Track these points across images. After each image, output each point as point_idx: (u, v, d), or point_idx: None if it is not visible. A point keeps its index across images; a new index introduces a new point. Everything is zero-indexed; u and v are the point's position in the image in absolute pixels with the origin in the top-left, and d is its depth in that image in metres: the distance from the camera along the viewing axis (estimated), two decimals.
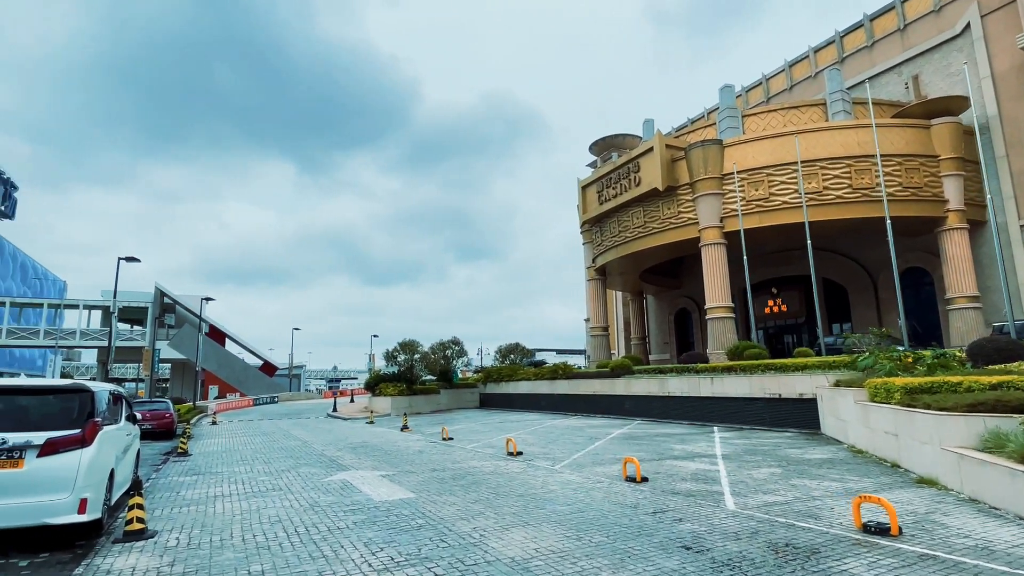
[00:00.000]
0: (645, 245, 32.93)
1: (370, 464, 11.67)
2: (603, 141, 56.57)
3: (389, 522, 6.53)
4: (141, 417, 20.30)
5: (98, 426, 6.28)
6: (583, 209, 39.15)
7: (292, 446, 16.33)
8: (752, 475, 9.28)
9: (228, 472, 11.29)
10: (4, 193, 77.10)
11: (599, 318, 39.38)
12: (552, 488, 8.37)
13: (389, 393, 33.09)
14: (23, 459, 5.67)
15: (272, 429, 23.84)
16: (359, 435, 19.22)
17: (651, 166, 31.71)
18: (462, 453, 13.11)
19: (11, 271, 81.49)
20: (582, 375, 28.54)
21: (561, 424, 21.26)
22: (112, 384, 7.52)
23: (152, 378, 49.65)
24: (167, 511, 7.55)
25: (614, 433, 17.15)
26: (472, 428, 20.46)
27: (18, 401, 6.08)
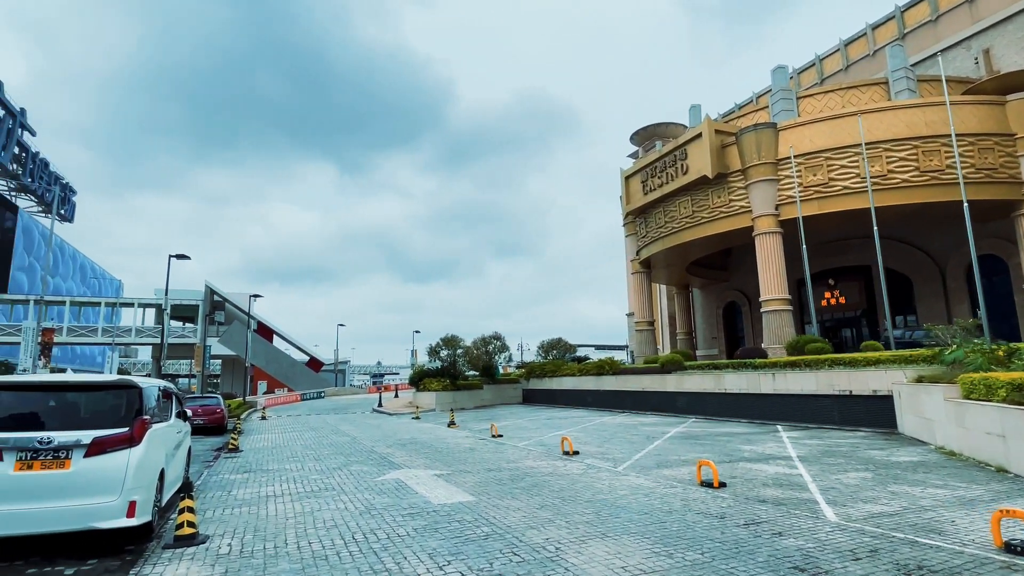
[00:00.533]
0: (693, 236, 31.72)
1: (422, 462, 11.23)
2: (645, 130, 55.15)
3: (452, 529, 5.99)
4: (192, 413, 20.60)
5: (147, 424, 5.94)
6: (626, 200, 38.10)
7: (341, 442, 16.11)
8: (841, 480, 8.40)
9: (279, 469, 11.03)
10: (63, 198, 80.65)
11: (644, 312, 38.26)
12: (621, 493, 7.71)
13: (433, 388, 32.89)
14: (70, 459, 5.36)
15: (320, 424, 23.85)
16: (407, 431, 18.91)
17: (699, 153, 30.49)
18: (515, 451, 12.56)
19: (71, 272, 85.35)
20: (630, 371, 27.64)
21: (611, 422, 20.50)
22: (161, 380, 7.26)
23: (204, 374, 51.00)
24: (219, 512, 7.22)
25: (671, 432, 16.31)
26: (520, 425, 19.92)
27: (63, 398, 5.79)
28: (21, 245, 69.37)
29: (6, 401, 5.60)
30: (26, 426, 5.43)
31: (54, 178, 77.55)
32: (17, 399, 5.66)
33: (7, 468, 5.17)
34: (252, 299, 43.06)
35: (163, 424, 6.95)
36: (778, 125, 28.41)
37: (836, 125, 26.52)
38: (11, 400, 5.63)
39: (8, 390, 5.67)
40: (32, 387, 5.77)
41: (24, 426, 5.43)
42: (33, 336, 20.40)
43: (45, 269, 25.98)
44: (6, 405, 5.57)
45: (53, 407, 5.67)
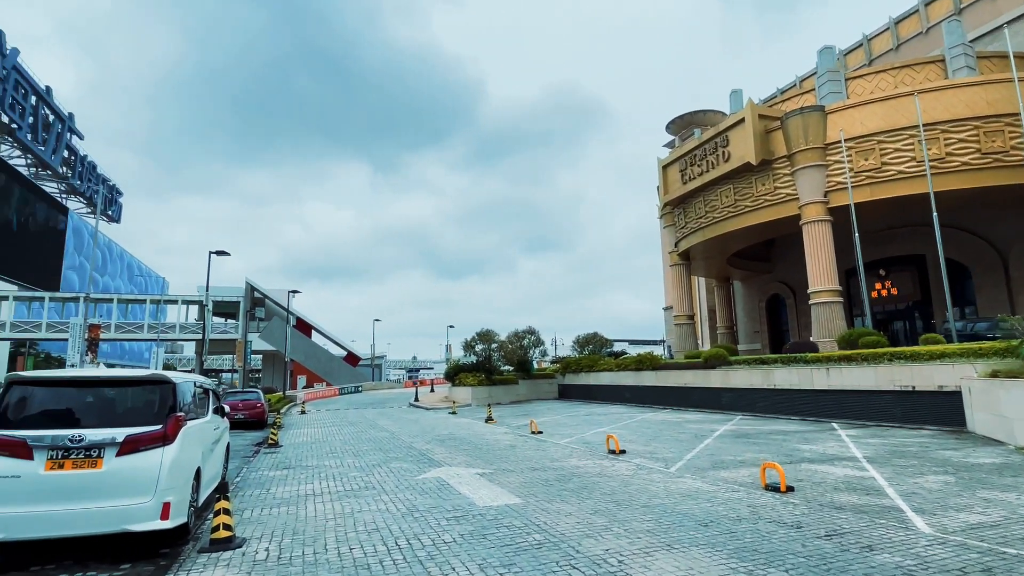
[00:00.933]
0: (736, 226, 30.60)
1: (463, 460, 10.84)
2: (681, 119, 53.78)
3: (501, 536, 5.55)
4: (233, 407, 20.74)
5: (181, 421, 5.67)
6: (664, 190, 37.08)
7: (380, 437, 15.90)
8: (921, 485, 7.65)
9: (318, 466, 10.80)
10: (110, 199, 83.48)
11: (683, 306, 37.22)
12: (679, 498, 7.14)
13: (469, 383, 32.65)
14: (102, 458, 5.11)
15: (358, 419, 23.82)
16: (445, 426, 18.63)
17: (742, 139, 29.35)
18: (557, 449, 12.07)
19: (119, 270, 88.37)
20: (671, 366, 26.81)
21: (654, 418, 19.81)
22: (197, 374, 7.02)
23: (245, 369, 51.99)
24: (257, 512, 6.95)
25: (719, 430, 15.57)
26: (558, 421, 19.42)
27: (94, 394, 5.54)
28: (72, 245, 72.08)
29: (36, 397, 5.38)
30: (57, 423, 5.20)
31: (101, 180, 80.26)
32: (47, 395, 5.44)
33: (38, 467, 4.95)
34: (291, 295, 43.61)
35: (199, 421, 6.70)
36: (826, 108, 27.10)
37: (890, 106, 25.11)
38: (41, 396, 5.41)
39: (38, 385, 5.45)
40: (62, 383, 5.55)
41: (55, 423, 5.20)
42: (80, 332, 20.84)
43: (91, 265, 26.58)
44: (36, 401, 5.36)
45: (84, 403, 5.43)
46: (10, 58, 55.40)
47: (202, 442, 6.64)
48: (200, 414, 6.87)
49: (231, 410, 20.72)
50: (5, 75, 54.34)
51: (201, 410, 7.01)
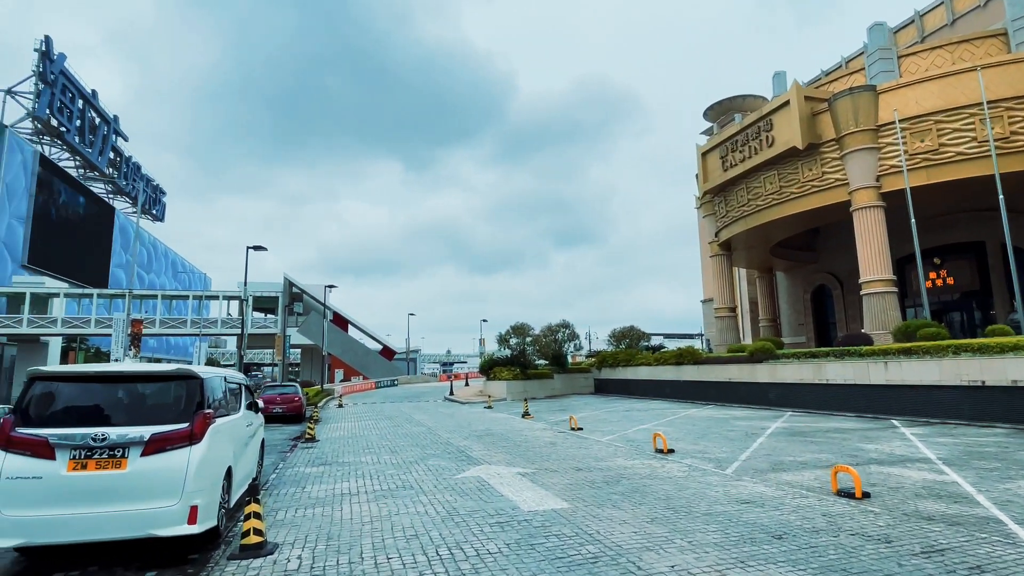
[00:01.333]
0: (780, 214, 29.37)
1: (503, 458, 10.40)
2: (720, 105, 52.21)
3: (551, 547, 5.06)
4: (271, 401, 20.79)
5: (209, 419, 5.34)
6: (703, 178, 35.91)
7: (416, 432, 15.62)
8: (1014, 491, 6.84)
9: (355, 463, 10.51)
10: (154, 198, 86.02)
11: (724, 298, 36.02)
12: (743, 504, 6.52)
13: (504, 377, 32.27)
14: (126, 458, 4.81)
15: (395, 413, 23.69)
16: (481, 421, 18.26)
17: (787, 122, 28.08)
18: (600, 448, 11.51)
19: (163, 268, 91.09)
20: (714, 360, 25.86)
21: (698, 415, 19.03)
22: (228, 369, 6.74)
23: (284, 363, 52.92)
24: (291, 514, 6.63)
25: (771, 427, 14.75)
26: (597, 417, 18.83)
27: (118, 390, 5.25)
28: (119, 244, 74.51)
29: (59, 393, 5.12)
30: (80, 421, 4.93)
31: (146, 180, 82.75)
32: (70, 391, 5.17)
33: (60, 468, 4.68)
34: (327, 289, 43.99)
35: (230, 417, 6.40)
36: (878, 87, 25.67)
37: (948, 83, 23.60)
38: (64, 392, 5.14)
39: (60, 381, 5.19)
40: (85, 378, 5.27)
41: (78, 421, 4.92)
42: (124, 327, 21.18)
43: (134, 260, 27.09)
44: (59, 398, 5.09)
45: (108, 400, 5.14)
46: (57, 63, 57.30)
47: (233, 440, 6.34)
48: (231, 410, 6.56)
49: (269, 404, 20.85)
50: (53, 79, 56.26)
51: (232, 406, 6.71)
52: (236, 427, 6.60)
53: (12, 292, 48.02)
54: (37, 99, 54.86)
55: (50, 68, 55.74)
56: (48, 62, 55.52)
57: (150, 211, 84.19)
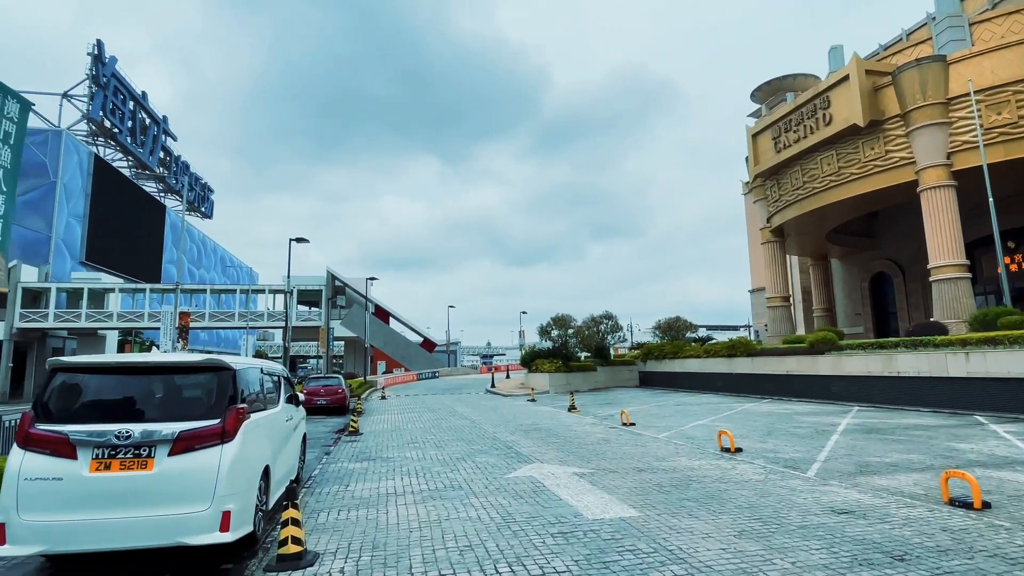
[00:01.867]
0: (839, 196, 27.72)
1: (554, 455, 9.73)
2: (768, 85, 50.02)
3: (628, 566, 4.35)
4: (315, 393, 20.64)
5: (242, 414, 4.84)
6: (753, 160, 34.29)
7: (461, 426, 15.12)
8: None
9: (400, 458, 10.03)
10: (202, 196, 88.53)
11: (778, 286, 34.40)
12: (841, 515, 5.67)
13: (546, 370, 31.60)
14: (152, 458, 4.35)
15: (437, 405, 23.34)
16: (526, 415, 17.64)
17: (847, 98, 26.41)
18: (658, 445, 10.72)
19: (212, 263, 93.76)
20: (770, 352, 24.54)
21: (756, 409, 17.94)
22: (265, 360, 6.26)
23: (328, 355, 53.57)
24: (333, 517, 6.13)
25: (840, 423, 13.63)
26: (648, 411, 17.96)
27: (143, 383, 4.77)
28: (170, 241, 76.90)
29: (81, 386, 4.69)
30: (103, 416, 4.48)
31: (194, 178, 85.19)
32: (93, 383, 4.73)
33: (82, 468, 4.24)
34: (368, 282, 44.14)
35: (268, 412, 5.92)
36: (948, 57, 23.77)
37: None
38: (86, 385, 4.72)
39: (82, 372, 4.76)
40: (109, 369, 4.82)
41: (101, 416, 4.49)
42: (172, 320, 21.40)
43: (181, 255, 27.41)
44: (81, 391, 4.67)
45: (133, 394, 4.68)
46: (109, 66, 59.18)
47: (271, 437, 5.86)
48: (269, 404, 6.09)
49: (313, 396, 20.75)
50: (105, 82, 58.13)
51: (270, 400, 6.24)
52: (274, 422, 6.13)
53: (71, 288, 49.97)
54: (91, 101, 56.82)
55: (102, 71, 57.62)
56: (100, 65, 57.39)
57: (199, 208, 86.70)
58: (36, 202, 52.20)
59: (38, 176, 52.47)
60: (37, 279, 49.63)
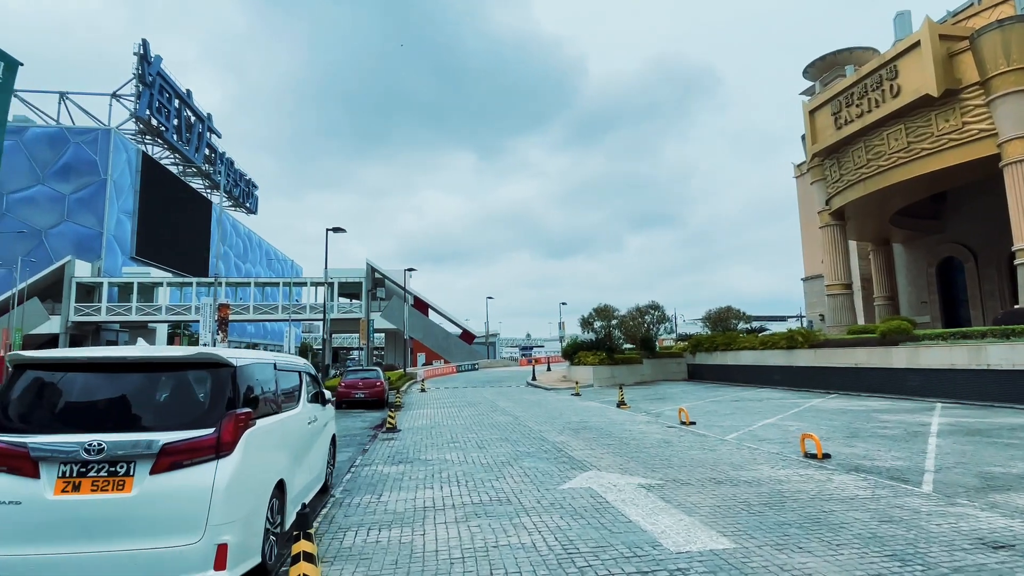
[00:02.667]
0: (908, 174, 25.55)
1: (612, 461, 8.63)
2: (823, 60, 47.41)
3: None
4: (347, 388, 19.89)
5: (245, 420, 3.94)
6: (811, 138, 32.14)
7: (503, 423, 14.17)
8: None
9: (439, 461, 9.12)
10: (247, 192, 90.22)
11: (838, 273, 32.22)
12: (1002, 550, 4.42)
13: (589, 362, 30.40)
14: (131, 476, 3.48)
15: (477, 399, 22.51)
16: (573, 411, 16.56)
17: (917, 66, 24.22)
18: (729, 449, 9.49)
19: (258, 257, 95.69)
20: (836, 343, 22.71)
21: (826, 406, 16.38)
22: (283, 353, 5.33)
23: (369, 347, 53.69)
24: (361, 538, 5.22)
25: (931, 424, 12.07)
26: (705, 408, 16.61)
27: (120, 383, 3.88)
28: (216, 236, 78.68)
29: (47, 387, 3.86)
30: (72, 424, 3.65)
31: (239, 175, 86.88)
32: (60, 383, 3.89)
33: (45, 490, 3.40)
34: (407, 273, 43.71)
35: (284, 415, 5.04)
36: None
37: None
38: (54, 385, 3.87)
39: (49, 369, 3.92)
40: (79, 365, 3.94)
41: (70, 424, 3.65)
42: (211, 312, 21.16)
43: (218, 248, 27.26)
44: (46, 393, 3.83)
45: (109, 396, 3.83)
46: (154, 65, 60.42)
47: (287, 444, 4.98)
48: (285, 406, 5.20)
49: (350, 390, 20.15)
50: (151, 81, 59.39)
51: (288, 400, 5.36)
52: (292, 427, 5.25)
53: (122, 282, 51.43)
54: (137, 100, 58.15)
55: (148, 70, 58.87)
56: (146, 64, 58.64)
57: (244, 204, 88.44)
58: (88, 199, 53.84)
59: (90, 174, 54.09)
60: (90, 274, 51.22)
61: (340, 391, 19.77)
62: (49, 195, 53.32)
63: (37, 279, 47.40)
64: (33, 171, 53.40)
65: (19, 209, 52.63)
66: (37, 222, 52.73)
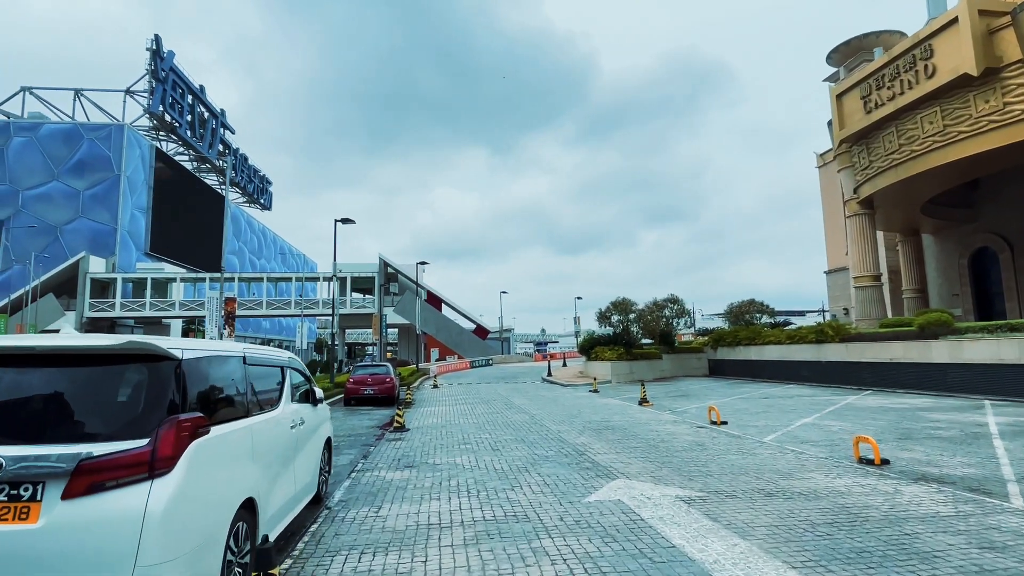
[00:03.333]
0: (945, 158, 24.20)
1: (642, 467, 7.73)
2: (847, 45, 45.95)
3: None
4: (355, 384, 19.07)
5: (191, 430, 3.10)
6: (839, 124, 30.79)
7: (519, 422, 13.31)
8: None
9: (448, 466, 8.29)
10: (262, 189, 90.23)
11: (867, 264, 30.89)
12: None
13: (607, 357, 29.43)
14: (38, 503, 2.68)
15: (491, 395, 21.68)
16: (592, 409, 15.66)
17: (955, 45, 22.89)
18: (770, 454, 8.53)
19: (272, 253, 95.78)
20: (869, 337, 21.52)
21: (864, 404, 15.30)
22: (252, 346, 4.46)
23: (381, 342, 53.15)
24: (350, 565, 4.38)
25: (988, 423, 10.99)
26: (734, 406, 15.60)
27: (28, 380, 3.05)
28: (230, 232, 78.66)
29: None
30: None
31: (253, 171, 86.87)
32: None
33: None
34: (419, 266, 43.02)
35: (254, 420, 4.19)
36: None
37: None
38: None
39: None
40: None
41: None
42: (217, 306, 20.56)
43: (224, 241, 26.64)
44: None
45: (11, 397, 3.03)
46: (167, 60, 60.24)
47: (262, 454, 4.15)
48: (259, 408, 4.37)
49: (359, 386, 19.40)
50: (164, 76, 59.22)
51: (264, 401, 4.53)
52: (268, 433, 4.41)
53: (136, 278, 51.37)
54: (150, 96, 58.00)
55: (160, 65, 58.68)
56: (158, 60, 58.44)
57: (258, 200, 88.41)
58: (102, 195, 53.81)
59: (103, 170, 54.05)
60: (105, 270, 51.22)
61: (348, 387, 19.04)
62: (64, 191, 53.38)
63: (52, 275, 47.46)
64: (48, 167, 53.48)
65: (34, 205, 52.77)
66: (52, 218, 52.82)
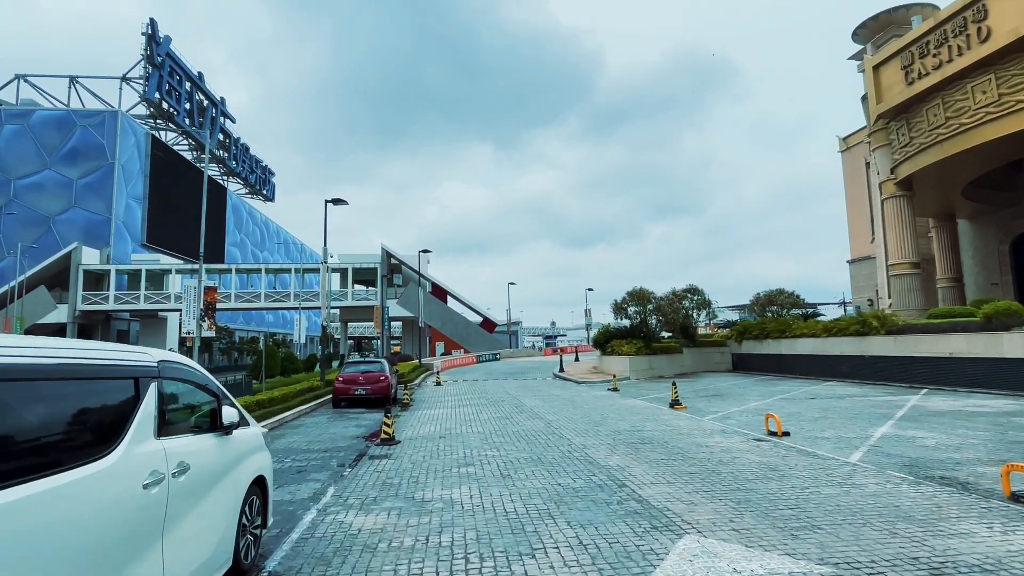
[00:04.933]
0: (1002, 131, 21.95)
1: (711, 509, 5.57)
2: (875, 20, 42.98)
3: None
4: (345, 383, 16.70)
5: None
6: (876, 98, 28.39)
7: (533, 432, 11.18)
8: None
9: (441, 507, 6.17)
10: (264, 180, 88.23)
11: (905, 250, 28.52)
12: None
13: (624, 352, 27.26)
14: None
15: (500, 395, 19.55)
16: (617, 413, 13.49)
17: (1014, 3, 20.56)
18: (881, 487, 6.34)
19: (276, 246, 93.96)
20: (921, 328, 19.22)
21: (934, 407, 13.05)
22: (47, 346, 2.37)
23: (384, 335, 51.24)
24: None
25: None
26: (781, 410, 13.36)
27: None
28: (232, 223, 76.74)
29: None
30: None
31: (255, 162, 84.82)
32: None
33: None
34: (422, 255, 40.92)
35: (38, 487, 2.08)
36: None
37: None
38: None
39: None
40: None
41: None
42: (195, 296, 18.58)
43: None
44: None
45: None
46: (163, 45, 58.19)
47: (51, 548, 2.06)
48: (63, 459, 2.26)
49: (349, 385, 17.25)
50: (160, 62, 57.19)
51: (72, 447, 2.40)
52: (73, 508, 2.29)
53: (130, 269, 49.56)
54: (146, 82, 56.06)
55: (156, 51, 56.67)
56: (154, 44, 56.44)
57: (260, 191, 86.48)
58: (96, 184, 52.03)
59: (97, 158, 52.23)
60: (99, 261, 49.48)
61: (337, 387, 16.95)
62: (56, 180, 51.60)
63: (43, 267, 45.73)
64: (40, 156, 51.71)
65: (26, 195, 51.04)
66: (45, 208, 51.10)
